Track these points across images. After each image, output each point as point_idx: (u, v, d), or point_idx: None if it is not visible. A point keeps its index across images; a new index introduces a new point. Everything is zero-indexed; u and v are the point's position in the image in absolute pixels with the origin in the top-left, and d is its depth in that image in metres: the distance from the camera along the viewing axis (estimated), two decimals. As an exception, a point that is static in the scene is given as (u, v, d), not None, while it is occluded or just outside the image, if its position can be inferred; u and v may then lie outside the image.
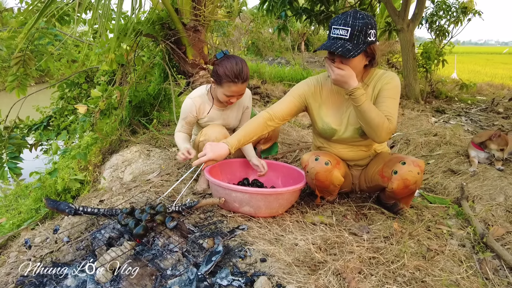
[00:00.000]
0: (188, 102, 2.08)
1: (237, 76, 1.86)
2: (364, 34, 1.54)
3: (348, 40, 1.55)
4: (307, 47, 15.43)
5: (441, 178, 2.44)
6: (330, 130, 1.83)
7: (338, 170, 1.79)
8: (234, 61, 1.89)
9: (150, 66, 3.41)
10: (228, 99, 1.97)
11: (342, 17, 1.56)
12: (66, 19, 3.86)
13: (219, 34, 9.17)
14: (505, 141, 2.42)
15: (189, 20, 3.08)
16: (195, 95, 2.10)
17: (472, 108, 5.10)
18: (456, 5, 6.52)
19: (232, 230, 1.69)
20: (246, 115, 2.25)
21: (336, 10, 5.03)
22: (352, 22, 1.53)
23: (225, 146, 1.70)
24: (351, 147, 1.89)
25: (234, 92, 1.92)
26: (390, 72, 1.77)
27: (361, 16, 1.54)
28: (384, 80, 1.74)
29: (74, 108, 3.79)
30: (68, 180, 2.51)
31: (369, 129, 1.66)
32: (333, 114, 1.83)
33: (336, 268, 1.39)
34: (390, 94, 1.71)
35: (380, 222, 1.83)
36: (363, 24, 1.53)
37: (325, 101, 1.85)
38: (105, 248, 1.50)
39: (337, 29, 1.56)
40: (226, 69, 1.87)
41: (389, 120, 1.64)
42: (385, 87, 1.72)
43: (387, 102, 1.69)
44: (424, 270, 1.42)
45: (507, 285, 1.41)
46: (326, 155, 1.80)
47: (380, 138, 1.67)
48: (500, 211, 1.98)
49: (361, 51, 1.55)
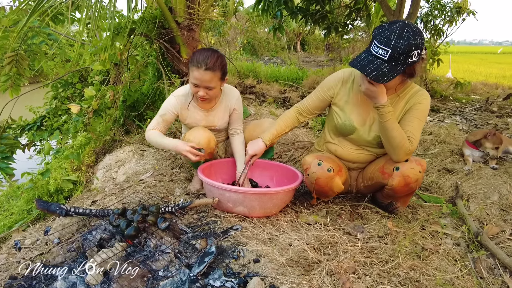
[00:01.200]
0: (171, 99, 2.01)
1: (200, 61, 1.78)
2: (405, 57, 1.44)
3: (386, 61, 1.47)
4: (302, 46, 15.45)
5: (436, 177, 2.44)
6: (351, 127, 1.81)
7: (340, 178, 1.78)
8: (207, 50, 1.87)
9: (143, 65, 3.38)
10: (196, 90, 1.87)
11: (386, 34, 1.45)
12: (60, 18, 3.82)
13: (214, 34, 9.14)
14: (500, 140, 2.42)
15: (183, 19, 3.06)
16: (179, 93, 2.03)
17: (467, 107, 5.12)
18: (450, 5, 6.55)
19: (225, 231, 1.67)
20: (235, 117, 2.14)
21: (332, 10, 5.03)
22: (395, 43, 1.43)
23: (261, 141, 1.93)
24: (362, 151, 1.88)
25: (198, 79, 1.81)
26: (425, 92, 1.74)
27: (407, 36, 1.42)
28: (418, 98, 1.71)
29: (68, 108, 3.76)
30: (61, 180, 2.48)
31: (389, 146, 1.67)
32: (358, 113, 1.80)
33: (330, 268, 1.38)
34: (419, 115, 1.69)
35: (374, 222, 1.82)
36: (406, 47, 1.42)
37: (354, 97, 1.81)
38: (96, 250, 1.48)
39: (377, 47, 1.47)
40: (195, 55, 1.84)
41: (411, 141, 1.64)
42: (417, 106, 1.70)
43: (414, 123, 1.68)
44: (418, 270, 1.42)
45: (501, 283, 1.40)
46: (329, 161, 1.78)
47: (397, 157, 1.68)
48: (494, 209, 1.98)
49: (397, 74, 1.48)
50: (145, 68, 3.43)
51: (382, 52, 1.46)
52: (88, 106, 2.73)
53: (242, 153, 2.12)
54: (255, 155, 1.93)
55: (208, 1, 3.24)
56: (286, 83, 6.61)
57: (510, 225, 1.83)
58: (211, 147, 2.00)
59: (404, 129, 1.65)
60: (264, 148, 1.93)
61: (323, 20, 4.95)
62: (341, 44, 9.37)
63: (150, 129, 1.99)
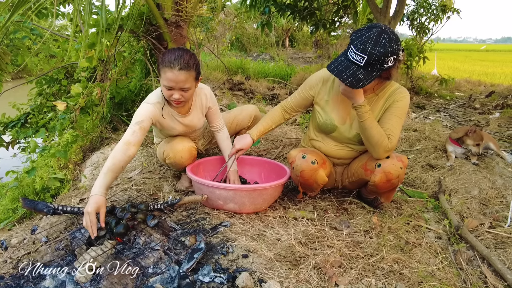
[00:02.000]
0: (148, 107, 1.80)
1: (172, 61, 1.64)
2: (381, 63, 1.48)
3: (362, 67, 1.50)
4: (291, 43, 15.47)
5: (420, 173, 2.51)
6: (332, 126, 1.85)
7: (323, 170, 1.82)
8: (177, 49, 1.72)
9: (131, 62, 3.35)
10: (170, 94, 1.72)
11: (363, 40, 1.46)
12: (43, 13, 3.74)
13: (202, 30, 9.08)
14: (480, 136, 2.50)
15: (170, 15, 3.03)
16: (153, 100, 1.83)
17: (451, 104, 5.24)
18: (436, 3, 6.67)
19: (214, 227, 1.69)
20: (212, 113, 2.06)
21: (320, 6, 5.06)
22: (371, 50, 1.45)
23: (248, 137, 1.97)
24: (345, 147, 1.92)
25: (171, 80, 1.66)
26: (403, 89, 1.77)
27: (383, 42, 1.45)
28: (397, 96, 1.74)
29: (53, 105, 3.69)
30: (47, 179, 2.45)
31: (368, 144, 1.72)
32: (339, 112, 1.84)
33: (317, 263, 1.41)
34: (398, 113, 1.73)
35: (360, 217, 1.87)
36: (382, 54, 1.45)
37: (334, 96, 1.85)
38: (85, 248, 1.48)
39: (354, 53, 1.49)
40: (164, 55, 1.69)
41: (390, 139, 1.68)
42: (395, 104, 1.74)
43: (392, 120, 1.72)
44: (402, 263, 1.47)
45: (479, 274, 1.46)
46: (314, 154, 1.82)
47: (377, 155, 1.72)
48: (475, 203, 2.06)
49: (372, 80, 1.51)
50: (133, 65, 3.40)
51: (359, 58, 1.49)
52: (75, 103, 2.69)
53: (229, 148, 2.11)
54: (241, 150, 1.97)
55: (196, -3, 3.23)
56: (274, 80, 6.63)
57: (489, 218, 1.90)
58: (193, 155, 2.03)
59: (383, 127, 1.70)
60: (251, 143, 1.98)
61: (311, 17, 4.98)
62: (329, 41, 9.43)
63: (122, 142, 1.68)
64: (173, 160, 1.96)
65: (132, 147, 1.68)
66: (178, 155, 1.93)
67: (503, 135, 3.38)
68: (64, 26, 9.11)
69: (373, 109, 1.77)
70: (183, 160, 1.97)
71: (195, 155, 2.05)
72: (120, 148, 1.66)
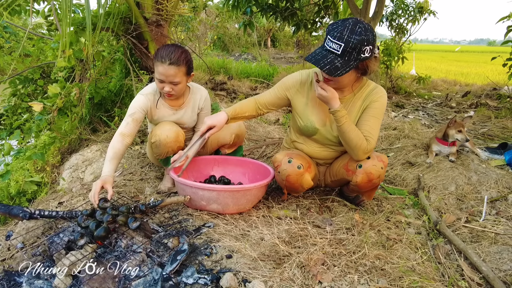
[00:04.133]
0: (140, 98, 1.95)
1: (164, 56, 1.78)
2: (358, 51, 1.49)
3: (339, 56, 1.51)
4: (273, 43, 15.53)
5: (400, 170, 2.57)
6: (313, 129, 1.85)
7: (309, 174, 1.83)
8: (171, 45, 1.86)
9: (110, 62, 3.28)
10: (162, 86, 1.86)
11: (339, 29, 1.49)
12: (16, 9, 3.60)
13: (184, 29, 8.98)
14: (461, 124, 2.59)
15: (151, 14, 2.99)
16: (147, 91, 1.99)
17: (429, 103, 5.39)
18: (413, 5, 6.85)
19: (198, 228, 1.68)
20: (203, 116, 2.13)
21: (301, 7, 5.10)
22: (348, 37, 1.47)
23: (223, 113, 1.80)
24: (326, 148, 1.93)
25: (162, 74, 1.81)
26: (380, 89, 1.79)
27: (359, 31, 1.47)
28: (374, 96, 1.75)
29: (29, 106, 3.57)
30: (23, 182, 2.37)
31: (347, 147, 1.73)
32: (318, 114, 1.84)
33: (301, 261, 1.43)
34: (376, 114, 1.74)
35: (342, 214, 1.90)
36: (358, 42, 1.47)
37: (313, 99, 1.84)
38: (64, 253, 1.44)
39: (331, 41, 1.51)
40: (159, 50, 1.83)
41: (368, 140, 1.69)
42: (373, 105, 1.75)
43: (370, 122, 1.73)
44: (383, 259, 1.50)
45: (456, 267, 1.51)
46: (299, 158, 1.82)
47: (357, 157, 1.74)
48: (452, 199, 2.12)
49: (350, 69, 1.52)
50: (112, 65, 3.32)
51: (336, 47, 1.50)
52: (52, 104, 2.61)
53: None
54: (214, 127, 1.77)
55: (177, -4, 3.19)
56: (257, 80, 6.64)
57: (465, 213, 1.97)
58: (180, 141, 1.99)
59: (361, 129, 1.71)
60: (225, 120, 1.80)
61: (292, 17, 5.02)
62: (310, 41, 9.52)
63: (117, 133, 1.86)
64: (158, 139, 1.94)
65: (127, 138, 1.86)
66: (164, 134, 1.93)
67: (477, 133, 3.51)
68: (40, 24, 8.82)
69: (351, 109, 1.78)
70: (168, 140, 1.93)
71: (181, 142, 2.01)
72: (117, 139, 1.84)
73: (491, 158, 2.68)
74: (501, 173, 2.38)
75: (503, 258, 1.55)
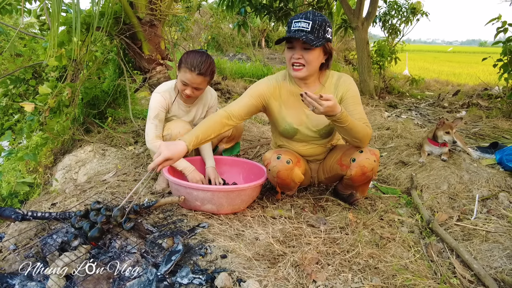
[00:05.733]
0: (157, 97, 2.04)
1: (194, 66, 1.89)
2: (324, 30, 1.62)
3: (309, 32, 1.61)
4: (267, 43, 15.53)
5: (393, 170, 2.59)
6: (292, 130, 1.87)
7: (299, 168, 1.85)
8: (201, 54, 1.94)
9: (104, 62, 3.25)
10: (184, 88, 1.97)
11: (302, 14, 1.64)
12: (7, 9, 3.56)
13: (178, 29, 8.95)
14: (449, 126, 2.62)
15: (144, 14, 2.98)
16: (163, 89, 2.08)
17: (422, 103, 5.44)
18: (406, 6, 6.91)
19: (192, 229, 1.67)
20: (210, 114, 2.22)
21: (295, 7, 5.12)
22: (313, 17, 1.61)
23: (182, 143, 1.57)
24: (311, 145, 1.95)
25: (188, 80, 1.92)
26: (344, 75, 1.84)
27: (319, 14, 1.64)
28: (344, 86, 1.79)
29: (20, 106, 3.53)
30: (15, 183, 2.35)
31: (355, 140, 1.71)
32: (293, 114, 1.86)
33: (295, 260, 1.43)
34: (356, 101, 1.79)
35: (336, 213, 1.91)
36: (323, 20, 1.62)
37: (285, 101, 1.86)
38: (58, 254, 1.43)
39: (298, 22, 1.62)
40: (188, 57, 1.92)
41: (367, 126, 1.72)
42: (348, 94, 1.78)
43: (358, 109, 1.76)
44: (377, 257, 1.51)
45: (448, 265, 1.53)
46: (288, 154, 1.84)
47: (364, 145, 1.76)
48: (444, 198, 2.15)
49: (321, 44, 1.62)
50: (105, 65, 3.30)
51: (305, 25, 1.61)
52: (44, 104, 2.58)
53: (209, 151, 2.21)
54: (170, 160, 1.54)
55: (171, -4, 3.18)
56: (251, 80, 6.64)
57: (457, 212, 2.00)
58: None
59: (356, 119, 1.71)
60: (184, 152, 1.58)
61: (286, 18, 5.04)
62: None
63: (151, 140, 2.01)
64: (170, 132, 2.03)
65: (161, 139, 2.02)
66: (177, 129, 2.03)
67: (469, 132, 3.56)
68: (31, 23, 8.72)
69: None
70: (179, 136, 1.98)
71: None
72: (154, 144, 1.99)
73: (483, 157, 2.71)
74: (492, 172, 2.41)
75: (494, 255, 1.58)
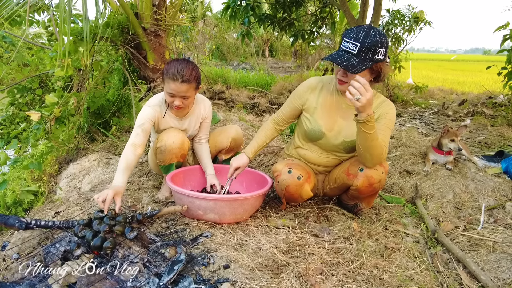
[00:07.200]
0: (147, 110, 2.00)
1: (175, 74, 1.84)
2: (372, 52, 1.56)
3: (355, 55, 1.58)
4: (271, 53, 15.65)
5: (398, 179, 2.57)
6: (320, 133, 1.87)
7: (309, 185, 1.84)
8: (181, 61, 1.91)
9: (109, 71, 3.29)
10: (172, 100, 1.92)
11: (355, 31, 1.58)
12: (17, 20, 3.63)
13: (182, 39, 9.05)
14: (454, 133, 2.60)
15: (149, 24, 3.02)
16: (153, 103, 2.04)
17: (426, 111, 5.42)
18: (409, 15, 6.94)
19: (195, 238, 1.67)
20: (205, 125, 2.22)
21: (298, 17, 5.16)
22: (363, 38, 1.55)
23: (244, 155, 1.97)
24: (330, 155, 1.94)
25: (173, 90, 1.87)
26: (390, 102, 1.83)
27: (373, 34, 1.55)
28: (385, 108, 1.79)
29: (27, 115, 3.57)
30: (20, 192, 2.36)
31: (366, 155, 1.68)
32: (326, 118, 1.86)
33: (298, 271, 1.42)
34: (389, 125, 1.76)
35: (340, 223, 1.89)
36: (373, 42, 1.54)
37: (322, 104, 1.87)
38: (60, 263, 1.43)
39: (347, 42, 1.60)
40: (169, 66, 1.88)
41: (385, 150, 1.71)
42: (386, 116, 1.77)
43: (386, 132, 1.74)
44: (381, 268, 1.49)
45: (455, 276, 1.51)
46: (299, 169, 1.83)
47: (372, 165, 1.74)
48: (449, 207, 2.12)
49: (365, 67, 1.57)
50: (110, 74, 3.34)
51: (352, 47, 1.58)
52: (49, 113, 2.61)
53: (209, 160, 2.18)
54: (238, 168, 1.96)
55: (175, 7, 3.23)
56: (255, 89, 6.68)
57: (463, 222, 1.97)
58: (184, 149, 2.04)
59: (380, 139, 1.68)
60: (247, 162, 1.98)
61: (290, 27, 5.07)
62: (308, 51, 9.61)
63: (129, 145, 1.89)
64: (164, 144, 1.98)
65: (138, 148, 1.88)
66: (170, 140, 1.98)
67: (474, 141, 3.53)
68: (39, 34, 8.88)
69: None
70: (173, 146, 1.97)
71: (186, 150, 2.06)
72: (129, 150, 1.85)
73: (488, 166, 2.69)
74: (498, 181, 2.38)
75: (501, 266, 1.55)
